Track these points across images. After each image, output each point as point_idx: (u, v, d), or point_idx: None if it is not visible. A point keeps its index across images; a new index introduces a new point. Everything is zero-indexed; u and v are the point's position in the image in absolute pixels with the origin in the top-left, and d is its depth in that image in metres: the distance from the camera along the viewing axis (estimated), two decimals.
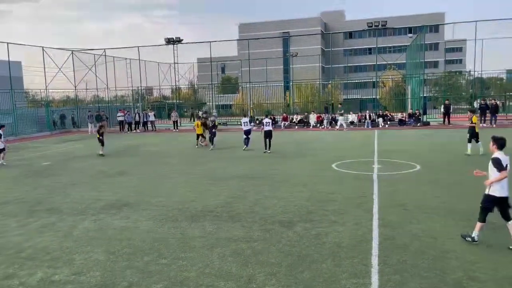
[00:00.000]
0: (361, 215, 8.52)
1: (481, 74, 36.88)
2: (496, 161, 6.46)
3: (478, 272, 5.70)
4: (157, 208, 9.63)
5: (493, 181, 6.48)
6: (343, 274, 5.76)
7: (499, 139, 6.68)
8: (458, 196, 9.87)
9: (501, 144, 6.65)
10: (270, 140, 18.86)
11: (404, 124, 33.09)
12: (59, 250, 7.13)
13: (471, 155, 15.81)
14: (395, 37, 79.59)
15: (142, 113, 38.00)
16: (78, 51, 40.92)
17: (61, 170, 15.91)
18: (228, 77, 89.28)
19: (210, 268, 6.14)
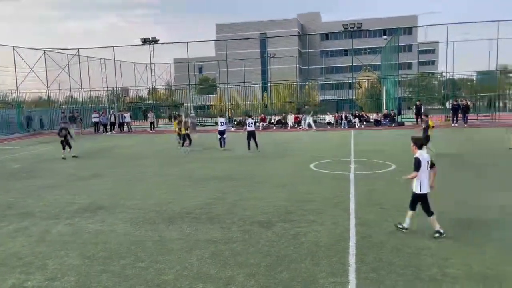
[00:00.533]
0: (338, 215, 8.61)
1: (452, 75, 37.93)
2: (416, 161, 6.97)
3: (452, 268, 5.84)
4: (134, 211, 9.48)
5: (408, 178, 7.11)
6: (321, 274, 5.80)
7: (418, 140, 7.22)
8: (431, 195, 10.07)
9: (420, 145, 7.15)
10: (255, 139, 19.11)
11: (380, 124, 33.69)
12: (32, 255, 6.92)
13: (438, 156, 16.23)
14: (370, 39, 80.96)
15: (117, 114, 37.40)
16: (51, 50, 39.91)
17: (34, 172, 15.47)
18: (206, 78, 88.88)
19: (188, 270, 6.08)
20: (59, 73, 39.57)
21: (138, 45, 40.23)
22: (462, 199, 9.55)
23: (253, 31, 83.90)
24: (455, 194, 10.05)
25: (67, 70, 40.08)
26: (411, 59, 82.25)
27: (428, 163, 7.01)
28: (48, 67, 39.00)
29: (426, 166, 6.99)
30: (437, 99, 48.23)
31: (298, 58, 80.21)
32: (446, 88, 40.52)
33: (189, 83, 42.04)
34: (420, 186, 7.01)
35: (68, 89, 41.73)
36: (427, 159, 7.03)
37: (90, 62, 42.26)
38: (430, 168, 7.07)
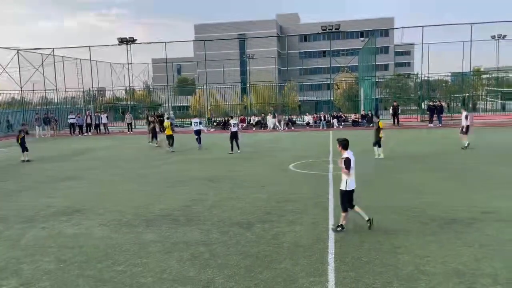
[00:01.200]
0: (318, 214, 8.68)
1: (427, 76, 38.79)
2: (346, 161, 7.32)
3: (428, 265, 5.96)
4: (111, 213, 9.32)
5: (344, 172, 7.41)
6: (301, 273, 5.83)
7: (342, 141, 7.54)
8: (407, 193, 10.29)
9: (345, 145, 7.51)
10: (237, 140, 19.23)
11: (357, 125, 34.14)
12: (6, 260, 6.72)
13: (382, 157, 16.57)
14: (348, 40, 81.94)
15: (94, 115, 36.71)
16: (24, 50, 38.88)
17: (6, 175, 15.03)
18: (185, 78, 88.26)
19: (167, 273, 6.02)
20: (33, 73, 38.59)
21: (115, 45, 39.64)
22: (435, 199, 9.77)
23: (232, 31, 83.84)
24: (425, 193, 10.28)
25: (41, 70, 39.12)
26: (388, 60, 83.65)
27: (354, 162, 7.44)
28: (21, 67, 37.98)
29: (354, 164, 7.43)
30: (413, 100, 49.24)
31: (277, 59, 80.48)
32: (422, 89, 41.42)
33: (167, 83, 41.66)
34: (346, 183, 7.41)
35: (43, 90, 40.74)
36: (353, 158, 7.43)
37: (65, 62, 41.35)
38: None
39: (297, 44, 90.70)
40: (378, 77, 42.74)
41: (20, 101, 39.38)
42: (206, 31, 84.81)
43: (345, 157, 7.36)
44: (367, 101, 38.86)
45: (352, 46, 76.33)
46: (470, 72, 38.65)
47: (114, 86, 46.61)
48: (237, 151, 19.05)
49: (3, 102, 40.03)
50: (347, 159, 7.32)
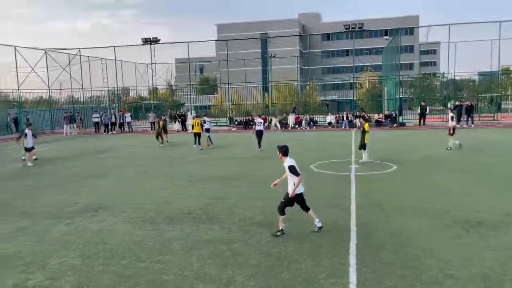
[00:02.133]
0: (339, 215, 8.61)
1: (454, 76, 37.90)
2: (292, 169, 7.27)
3: (453, 269, 5.83)
4: (134, 211, 9.48)
5: (296, 188, 7.27)
6: (322, 274, 5.79)
7: (282, 147, 7.54)
8: (432, 195, 10.09)
9: (285, 151, 7.53)
10: (261, 139, 19.75)
11: (381, 125, 33.66)
12: (33, 254, 6.93)
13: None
14: (371, 39, 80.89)
15: (118, 114, 37.43)
16: (52, 50, 39.96)
17: (34, 172, 15.49)
18: (207, 78, 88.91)
19: (188, 270, 6.08)
20: (60, 73, 39.61)
21: (139, 45, 40.27)
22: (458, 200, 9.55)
23: (254, 31, 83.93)
24: (449, 194, 10.06)
25: (68, 70, 40.11)
26: (413, 59, 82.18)
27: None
28: (49, 67, 39.04)
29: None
30: (438, 100, 48.21)
31: (299, 58, 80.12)
32: (448, 89, 40.49)
33: (190, 83, 42.05)
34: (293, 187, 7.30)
35: (69, 89, 41.78)
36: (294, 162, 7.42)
37: (91, 62, 42.28)
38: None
39: (319, 43, 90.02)
40: (403, 76, 41.99)
41: (48, 100, 40.46)
42: (228, 30, 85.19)
43: (290, 165, 7.30)
44: (391, 100, 38.26)
45: (375, 45, 75.30)
46: (498, 71, 37.55)
47: (138, 85, 47.37)
48: (258, 149, 19.42)
49: (31, 101, 41.14)
50: (292, 167, 7.26)
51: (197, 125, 21.51)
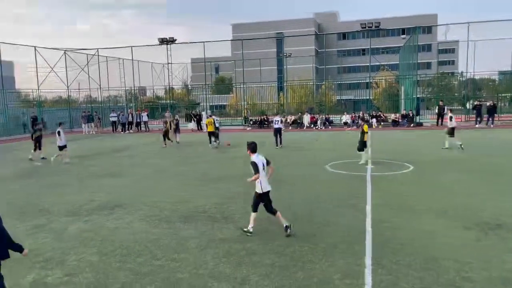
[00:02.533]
0: (354, 216, 8.54)
1: (473, 75, 37.19)
2: (253, 165, 7.39)
3: (471, 272, 5.73)
4: (150, 209, 9.58)
5: (251, 180, 7.41)
6: (337, 275, 5.76)
7: (250, 144, 7.60)
8: (450, 196, 9.93)
9: (253, 148, 7.57)
10: (281, 136, 20.84)
11: (397, 124, 33.26)
12: (51, 251, 7.07)
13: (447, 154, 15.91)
14: (388, 38, 79.93)
15: (135, 113, 37.83)
16: (71, 50, 40.64)
17: (53, 171, 15.77)
18: (222, 78, 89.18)
19: (203, 269, 6.12)
20: (79, 72, 40.26)
21: (156, 45, 40.61)
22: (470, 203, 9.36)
23: (270, 30, 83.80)
24: (469, 196, 9.88)
25: (86, 70, 40.74)
26: (430, 58, 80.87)
27: (264, 164, 7.53)
28: (68, 67, 39.72)
29: (263, 167, 7.46)
30: (456, 99, 47.39)
31: (314, 58, 79.67)
32: (466, 88, 39.77)
33: (206, 82, 42.24)
34: (260, 186, 7.39)
35: (87, 89, 42.43)
36: (262, 160, 7.54)
37: (108, 62, 42.85)
38: (267, 165, 7.61)
39: (335, 42, 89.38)
40: (420, 76, 41.38)
41: (67, 100, 41.17)
42: (243, 30, 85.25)
43: (252, 161, 7.39)
44: (408, 100, 37.76)
45: (392, 44, 74.40)
46: None
47: (154, 85, 47.81)
48: (278, 146, 20.51)
49: (50, 100, 41.90)
50: (253, 163, 7.37)
51: (210, 124, 21.79)
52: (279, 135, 20.72)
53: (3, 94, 31.60)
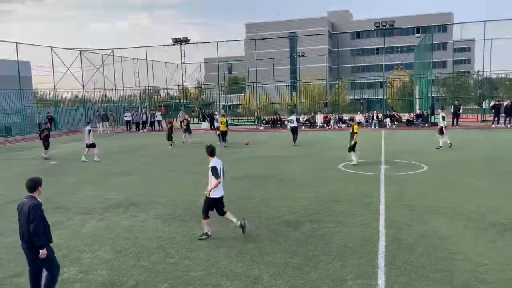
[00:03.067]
0: (368, 216, 8.49)
1: (489, 74, 36.55)
2: (213, 170, 7.16)
3: (486, 274, 5.65)
4: (164, 207, 9.67)
5: (212, 189, 7.19)
6: (350, 275, 5.74)
7: (208, 147, 7.41)
8: (465, 197, 9.80)
9: (211, 152, 7.36)
10: (296, 135, 21.53)
11: (412, 124, 32.90)
12: (67, 248, 7.19)
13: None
14: (402, 37, 79.14)
15: (149, 113, 38.17)
16: (87, 51, 41.18)
17: (68, 169, 16.02)
18: (235, 77, 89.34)
19: (216, 267, 6.16)
20: (94, 72, 40.77)
21: (170, 45, 40.92)
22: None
23: (283, 30, 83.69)
24: (485, 197, 9.73)
25: (101, 70, 41.24)
26: (446, 57, 79.80)
27: (222, 168, 7.34)
28: (83, 67, 40.26)
29: (221, 171, 7.31)
30: (473, 99, 46.64)
31: (328, 57, 79.28)
32: (483, 88, 39.11)
33: (219, 82, 42.37)
34: (217, 191, 7.25)
35: (102, 88, 42.95)
36: (221, 165, 7.36)
37: (123, 62, 43.30)
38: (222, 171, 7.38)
39: (349, 41, 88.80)
40: (435, 75, 40.83)
41: (82, 99, 41.75)
42: (256, 29, 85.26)
43: (212, 166, 7.19)
44: (422, 100, 37.30)
45: (406, 43, 73.62)
46: None
47: (168, 84, 48.14)
48: (295, 144, 20.98)
49: (66, 100, 42.54)
50: (213, 168, 7.18)
51: (222, 123, 22.05)
52: (295, 133, 21.37)
53: (20, 94, 32.16)
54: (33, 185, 5.15)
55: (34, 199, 5.09)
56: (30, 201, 5.02)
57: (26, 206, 4.97)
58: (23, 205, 5.05)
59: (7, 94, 31.49)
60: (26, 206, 4.97)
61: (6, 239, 7.81)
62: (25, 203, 5.02)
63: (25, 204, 5.00)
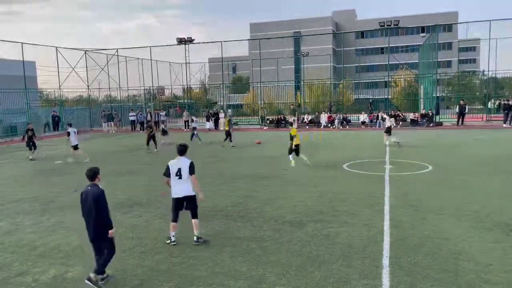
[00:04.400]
0: (372, 216, 8.46)
1: (495, 74, 36.34)
2: (166, 169, 7.08)
3: (491, 274, 5.62)
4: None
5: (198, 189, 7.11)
6: (354, 275, 5.72)
7: (179, 146, 7.27)
8: (470, 197, 9.75)
9: (181, 151, 7.19)
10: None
11: (417, 124, 32.76)
12: (72, 247, 7.22)
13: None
14: (407, 36, 78.84)
15: (153, 112, 38.26)
16: (91, 51, 41.34)
17: (73, 168, 16.08)
18: (239, 77, 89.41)
19: (220, 267, 6.16)
20: (99, 72, 40.94)
21: (174, 44, 40.96)
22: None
23: (287, 29, 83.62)
24: (491, 197, 9.68)
25: (106, 70, 41.38)
26: (451, 57, 79.36)
27: (181, 169, 7.03)
28: (88, 67, 40.42)
29: (175, 172, 7.02)
30: (478, 98, 46.38)
31: (332, 57, 79.17)
32: (488, 87, 38.88)
33: (223, 82, 42.38)
34: (173, 191, 7.08)
35: (107, 88, 43.10)
36: (179, 165, 7.06)
37: (128, 62, 43.42)
38: (190, 175, 7.07)
39: (353, 41, 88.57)
40: (440, 75, 40.63)
41: (87, 99, 41.92)
42: (261, 29, 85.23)
43: (168, 164, 7.06)
44: (427, 99, 37.14)
45: (411, 43, 73.35)
46: None
47: (172, 84, 48.23)
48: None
49: (71, 100, 42.72)
50: (166, 167, 7.08)
51: (228, 123, 22.34)
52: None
53: (26, 94, 32.33)
54: (92, 175, 5.87)
55: (96, 186, 5.76)
56: (94, 190, 5.68)
57: (91, 195, 5.62)
58: (87, 193, 5.70)
59: (13, 94, 31.67)
60: (91, 195, 5.63)
61: (12, 237, 7.86)
62: (89, 192, 5.68)
63: (90, 193, 5.66)
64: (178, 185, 7.04)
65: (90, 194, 5.65)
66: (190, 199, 7.11)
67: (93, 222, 5.59)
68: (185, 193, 7.05)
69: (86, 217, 5.69)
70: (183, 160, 7.16)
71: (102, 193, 5.67)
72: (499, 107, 31.48)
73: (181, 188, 7.03)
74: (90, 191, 5.68)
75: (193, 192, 7.10)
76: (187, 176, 7.03)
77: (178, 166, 7.08)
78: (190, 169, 7.07)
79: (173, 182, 7.06)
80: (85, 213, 5.72)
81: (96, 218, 5.56)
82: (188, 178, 7.04)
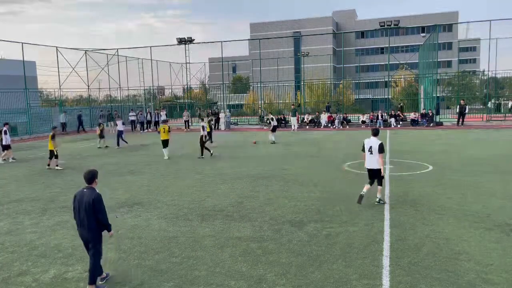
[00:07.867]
0: (372, 216, 8.46)
1: (495, 73, 36.36)
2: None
3: (491, 274, 5.62)
4: (168, 207, 9.68)
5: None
6: (354, 275, 5.72)
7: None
8: (470, 197, 9.74)
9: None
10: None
11: (417, 124, 32.77)
12: (72, 247, 7.22)
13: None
14: (407, 36, 78.91)
15: (153, 112, 38.24)
16: (92, 51, 41.33)
17: (73, 168, 16.09)
18: (239, 77, 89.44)
19: (220, 267, 6.16)
20: (99, 72, 40.92)
21: (174, 44, 40.95)
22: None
23: (287, 29, 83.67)
24: (491, 197, 9.67)
25: (106, 70, 41.38)
26: (451, 57, 79.44)
27: (371, 147, 9.17)
28: (88, 67, 40.41)
29: (368, 148, 9.18)
30: (478, 98, 46.40)
31: (332, 57, 79.23)
32: (488, 87, 38.90)
33: (223, 82, 42.40)
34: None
35: (107, 88, 43.10)
36: (370, 144, 9.16)
37: (128, 62, 43.42)
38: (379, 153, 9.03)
39: (354, 41, 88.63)
40: (440, 74, 40.64)
41: (87, 99, 41.92)
42: (261, 29, 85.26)
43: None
44: (427, 99, 37.14)
45: (411, 42, 73.40)
46: None
47: (173, 84, 48.24)
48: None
49: (71, 99, 42.73)
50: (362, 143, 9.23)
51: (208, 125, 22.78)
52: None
53: (26, 94, 32.32)
54: (91, 177, 5.73)
55: (93, 190, 5.61)
56: (91, 193, 5.52)
57: (87, 197, 5.46)
58: (83, 195, 5.53)
59: (13, 93, 31.67)
60: (87, 197, 5.47)
61: (12, 237, 7.86)
62: (86, 194, 5.52)
63: (86, 195, 5.50)
64: (369, 158, 9.23)
65: (86, 196, 5.49)
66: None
67: (88, 225, 5.46)
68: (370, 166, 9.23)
69: (79, 220, 5.54)
70: (372, 140, 9.22)
71: (99, 197, 5.55)
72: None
73: (371, 161, 9.18)
74: (86, 194, 5.52)
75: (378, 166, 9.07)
76: (376, 152, 9.10)
77: (369, 144, 9.19)
78: (379, 148, 9.05)
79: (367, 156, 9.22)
80: (77, 215, 5.55)
81: (91, 222, 5.45)
82: (376, 153, 9.11)
